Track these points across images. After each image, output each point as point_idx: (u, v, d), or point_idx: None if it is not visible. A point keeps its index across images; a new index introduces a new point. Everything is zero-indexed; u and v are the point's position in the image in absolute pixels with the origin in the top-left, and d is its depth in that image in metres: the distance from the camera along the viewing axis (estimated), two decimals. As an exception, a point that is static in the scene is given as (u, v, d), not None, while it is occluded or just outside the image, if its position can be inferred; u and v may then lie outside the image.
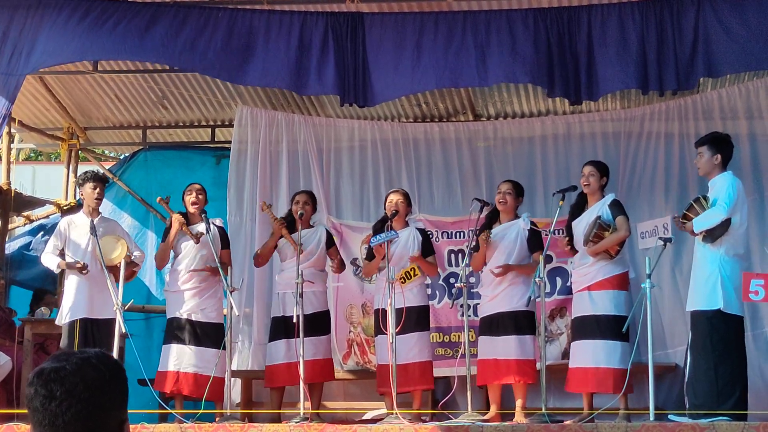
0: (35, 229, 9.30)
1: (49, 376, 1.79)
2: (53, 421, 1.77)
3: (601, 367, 6.34)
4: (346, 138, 8.63)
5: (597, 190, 6.61)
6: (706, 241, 5.96)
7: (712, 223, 5.91)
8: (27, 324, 7.51)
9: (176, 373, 6.70)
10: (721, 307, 5.85)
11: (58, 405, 1.76)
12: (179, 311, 6.82)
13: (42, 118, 9.38)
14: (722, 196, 5.93)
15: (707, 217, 5.94)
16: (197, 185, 7.06)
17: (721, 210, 5.89)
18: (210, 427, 5.76)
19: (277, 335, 6.84)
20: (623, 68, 6.53)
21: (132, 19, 6.68)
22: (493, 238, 6.72)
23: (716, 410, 5.68)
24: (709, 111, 8.06)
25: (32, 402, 1.79)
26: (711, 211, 5.94)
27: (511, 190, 6.82)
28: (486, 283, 6.79)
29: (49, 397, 1.77)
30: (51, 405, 1.77)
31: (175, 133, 9.78)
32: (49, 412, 1.77)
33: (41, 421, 1.78)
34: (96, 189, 6.90)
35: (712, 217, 5.92)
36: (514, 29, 6.63)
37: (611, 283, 6.45)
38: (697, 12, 6.53)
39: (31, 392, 1.79)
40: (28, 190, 10.76)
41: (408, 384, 6.56)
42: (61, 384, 1.77)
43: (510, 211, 6.84)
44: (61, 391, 1.77)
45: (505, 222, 6.82)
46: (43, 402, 1.77)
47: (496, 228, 6.79)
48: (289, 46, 6.74)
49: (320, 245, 6.98)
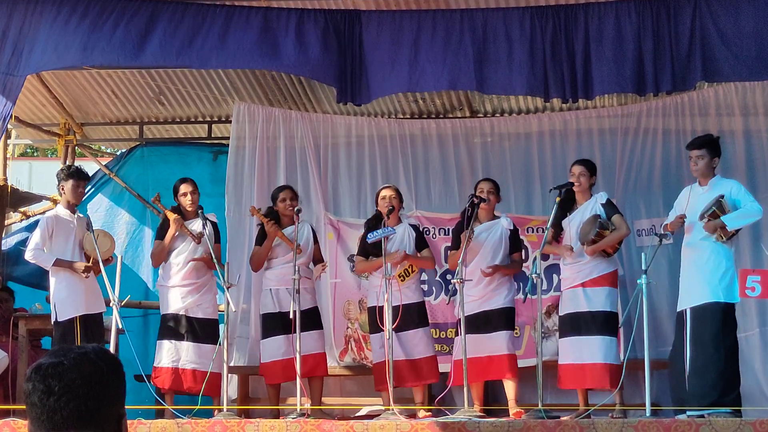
0: (32, 225, 9.28)
1: (47, 371, 1.79)
2: (51, 417, 1.76)
3: (597, 363, 6.37)
4: (343, 134, 8.63)
5: (587, 189, 6.66)
6: (720, 239, 6.02)
7: (749, 222, 6.18)
8: (22, 320, 7.50)
9: (174, 369, 6.71)
10: (738, 301, 6.01)
11: (56, 400, 1.76)
12: (175, 307, 6.81)
13: (38, 113, 9.37)
14: (747, 198, 6.10)
15: (743, 216, 6.05)
16: (189, 183, 7.03)
17: (758, 211, 6.07)
18: (207, 422, 5.77)
19: (273, 331, 6.83)
20: (619, 70, 6.57)
21: (131, 19, 6.67)
22: (476, 237, 6.72)
23: (719, 404, 5.72)
24: (705, 108, 8.09)
25: (30, 397, 1.79)
26: (745, 211, 6.04)
27: (492, 189, 6.85)
28: (473, 283, 6.75)
29: (48, 392, 1.77)
30: (49, 400, 1.77)
31: (171, 129, 9.78)
32: (48, 407, 1.77)
33: (39, 416, 1.77)
34: (78, 186, 6.84)
35: (749, 216, 6.08)
36: (511, 32, 6.65)
37: (606, 280, 6.51)
38: (693, 13, 6.55)
39: (29, 387, 1.79)
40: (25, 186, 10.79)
41: (419, 379, 6.68)
42: (60, 379, 1.77)
43: (491, 210, 6.87)
44: (60, 386, 1.77)
45: (485, 221, 6.84)
46: (41, 397, 1.77)
47: (478, 227, 6.79)
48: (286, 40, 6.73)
49: (309, 243, 6.99)
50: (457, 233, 6.85)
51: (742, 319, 7.31)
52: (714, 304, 5.99)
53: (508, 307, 6.75)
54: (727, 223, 5.97)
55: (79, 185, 6.86)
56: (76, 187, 6.82)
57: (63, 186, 6.87)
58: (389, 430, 5.50)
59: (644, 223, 7.95)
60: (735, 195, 6.09)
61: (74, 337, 6.50)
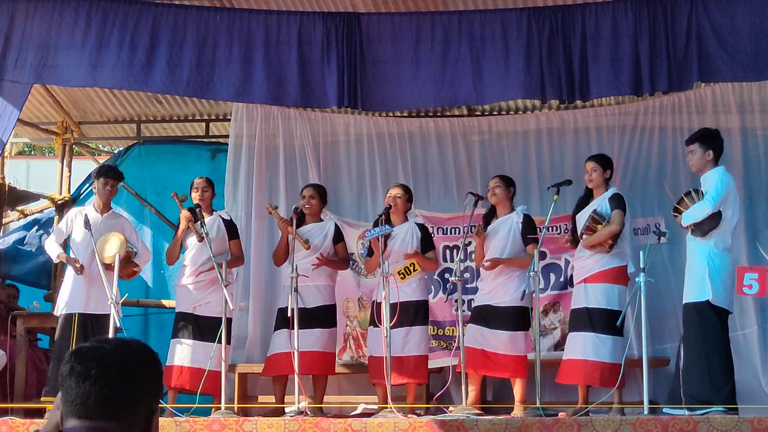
0: (29, 224, 9.30)
1: (88, 354, 1.81)
2: (85, 401, 1.77)
3: (590, 360, 6.36)
4: (342, 132, 8.65)
5: (601, 184, 6.61)
6: (696, 234, 6.01)
7: (699, 217, 5.96)
8: (20, 318, 7.50)
9: (180, 367, 6.73)
10: (709, 298, 5.89)
11: (92, 384, 1.77)
12: (184, 306, 6.88)
13: (36, 112, 9.37)
14: (711, 190, 5.97)
15: (695, 211, 5.99)
16: (202, 180, 7.06)
17: (708, 204, 5.93)
18: (205, 420, 5.77)
19: (280, 326, 6.86)
20: (616, 72, 6.59)
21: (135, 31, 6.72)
22: (488, 232, 6.74)
23: (710, 401, 5.72)
24: (702, 105, 8.11)
25: (67, 379, 1.80)
26: (699, 205, 5.98)
27: (499, 183, 6.85)
28: (483, 277, 6.83)
29: (85, 376, 1.78)
30: (85, 384, 1.78)
31: (169, 127, 9.77)
32: (83, 391, 1.78)
33: (73, 399, 1.78)
34: (106, 185, 6.89)
35: (700, 211, 5.96)
36: (508, 35, 6.67)
37: (606, 276, 6.44)
38: (689, 13, 6.57)
39: (67, 369, 1.80)
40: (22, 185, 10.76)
41: (401, 376, 6.55)
42: (99, 363, 1.79)
43: (504, 204, 6.85)
44: (97, 370, 1.78)
45: (501, 216, 6.85)
46: (78, 380, 1.78)
47: (493, 223, 6.82)
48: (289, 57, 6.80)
49: (327, 240, 6.96)
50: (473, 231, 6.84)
51: (740, 317, 7.35)
52: (691, 304, 5.99)
53: (516, 306, 6.57)
54: (682, 219, 6.00)
55: (107, 183, 6.90)
56: (104, 186, 6.89)
57: (95, 185, 6.98)
58: (387, 428, 5.50)
59: (640, 222, 7.95)
60: (706, 187, 6.03)
61: (71, 334, 6.52)
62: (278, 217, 6.95)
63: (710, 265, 5.92)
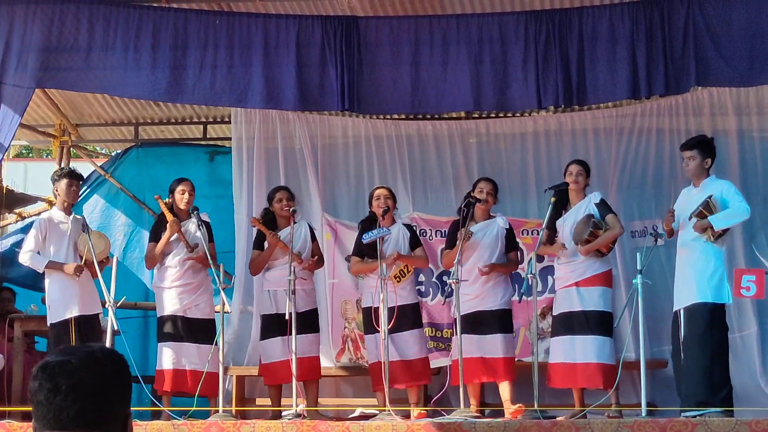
0: (27, 227, 9.26)
1: (55, 369, 1.76)
2: (58, 416, 1.74)
3: (590, 363, 6.36)
4: (340, 134, 8.66)
5: (582, 189, 6.66)
6: (710, 239, 6.03)
7: (736, 222, 6.17)
8: (17, 321, 7.49)
9: (173, 370, 6.70)
10: (728, 302, 6.00)
11: (63, 399, 1.74)
12: (172, 309, 6.79)
13: (33, 114, 9.35)
14: (736, 198, 6.08)
15: (730, 216, 6.04)
16: (188, 183, 7.01)
17: (745, 211, 6.05)
18: (203, 423, 5.76)
19: (271, 333, 6.82)
20: (613, 77, 6.61)
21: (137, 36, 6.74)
22: (473, 236, 6.73)
23: (709, 403, 5.73)
24: (699, 108, 8.13)
25: (36, 395, 1.76)
26: (732, 212, 6.04)
27: (492, 190, 6.84)
28: (469, 282, 6.76)
29: (55, 391, 1.74)
30: (56, 399, 1.74)
31: (167, 129, 9.77)
32: (54, 406, 1.74)
33: (45, 415, 1.75)
34: (71, 185, 6.85)
35: (736, 216, 6.07)
36: (506, 38, 6.68)
37: (600, 280, 6.50)
38: (686, 17, 6.58)
39: (36, 386, 1.76)
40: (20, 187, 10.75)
41: (411, 379, 6.69)
42: (68, 378, 1.75)
43: (488, 210, 6.88)
44: (67, 385, 1.74)
45: (481, 221, 6.84)
46: (47, 396, 1.75)
47: (475, 226, 6.79)
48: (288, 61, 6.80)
49: (307, 242, 6.96)
50: (453, 232, 6.85)
51: (739, 318, 7.37)
52: (702, 304, 6.01)
53: (504, 309, 6.72)
54: (713, 223, 5.98)
55: (72, 184, 6.86)
56: (69, 186, 6.82)
57: (57, 187, 6.88)
58: (385, 431, 5.50)
59: (637, 224, 7.96)
60: (725, 195, 6.10)
61: (69, 338, 6.49)
62: (267, 232, 6.78)
63: (726, 269, 6.02)
